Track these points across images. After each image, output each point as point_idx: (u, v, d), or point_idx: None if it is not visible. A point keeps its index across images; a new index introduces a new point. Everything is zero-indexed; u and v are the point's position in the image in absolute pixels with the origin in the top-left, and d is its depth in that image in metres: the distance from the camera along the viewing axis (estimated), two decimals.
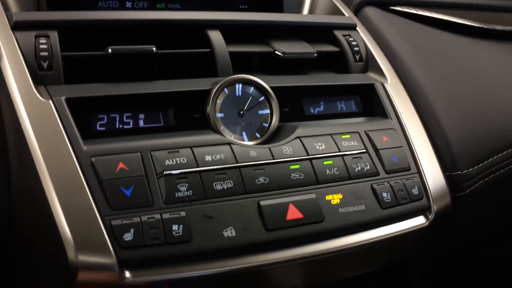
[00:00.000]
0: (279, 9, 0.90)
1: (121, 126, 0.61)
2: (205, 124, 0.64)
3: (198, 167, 0.58)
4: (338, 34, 0.81)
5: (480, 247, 0.93)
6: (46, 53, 0.61)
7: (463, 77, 0.84)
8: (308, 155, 0.64)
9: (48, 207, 0.52)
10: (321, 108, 0.74)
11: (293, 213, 0.59)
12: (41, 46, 0.61)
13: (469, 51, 0.92)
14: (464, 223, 0.78)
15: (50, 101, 0.57)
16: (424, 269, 0.78)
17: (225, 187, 0.58)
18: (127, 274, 0.52)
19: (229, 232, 0.56)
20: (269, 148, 0.62)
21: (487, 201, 0.78)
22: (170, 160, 0.57)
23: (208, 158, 0.59)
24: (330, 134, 0.67)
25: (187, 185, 0.56)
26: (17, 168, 0.57)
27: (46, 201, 0.52)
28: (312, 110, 0.73)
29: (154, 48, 0.64)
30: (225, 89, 0.66)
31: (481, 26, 0.97)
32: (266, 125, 0.67)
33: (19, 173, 0.57)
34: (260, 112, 0.67)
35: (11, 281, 0.60)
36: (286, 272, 0.60)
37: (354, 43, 0.81)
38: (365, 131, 0.69)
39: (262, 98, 0.68)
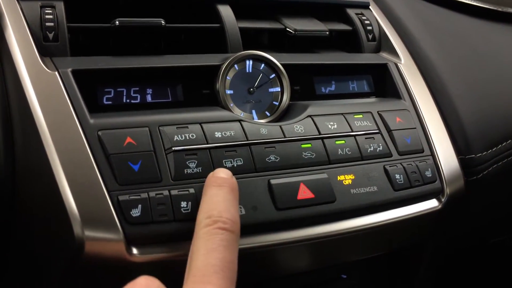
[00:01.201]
0: None
1: (128, 100, 0.60)
2: (214, 101, 0.63)
3: (207, 143, 0.56)
4: (351, 12, 0.79)
5: (488, 234, 0.92)
6: (52, 24, 0.59)
7: (478, 59, 0.82)
8: (320, 134, 0.62)
9: (54, 181, 0.50)
10: (333, 88, 0.73)
11: (304, 193, 0.58)
12: (47, 17, 0.59)
13: (483, 33, 0.90)
14: (476, 208, 0.76)
15: (56, 73, 0.55)
16: (432, 255, 0.77)
17: (235, 165, 0.56)
18: (134, 250, 0.50)
19: (239, 211, 0.54)
20: (280, 126, 0.61)
21: (499, 186, 0.76)
22: (179, 136, 0.55)
23: (217, 134, 0.57)
24: (342, 114, 0.65)
25: (196, 161, 0.55)
26: (22, 142, 0.56)
27: (52, 176, 0.51)
28: (323, 89, 0.72)
29: (162, 22, 0.62)
30: (235, 65, 0.64)
31: (495, 8, 0.95)
32: (277, 103, 0.65)
33: (24, 147, 0.55)
34: (271, 90, 0.66)
35: (17, 257, 0.59)
36: (296, 252, 0.59)
37: (367, 22, 0.79)
38: (378, 111, 0.68)
39: (273, 75, 0.66)
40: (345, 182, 0.61)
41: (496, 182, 0.74)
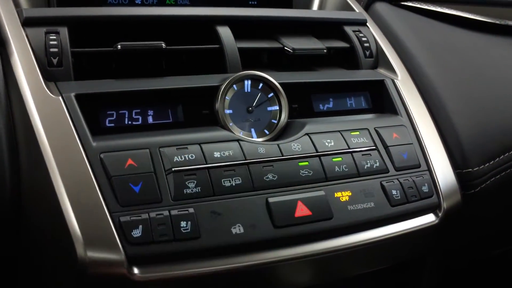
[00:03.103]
0: (289, 5, 0.90)
1: (130, 122, 0.61)
2: (213, 121, 0.64)
3: (206, 163, 0.57)
4: (348, 30, 0.80)
5: (489, 246, 0.92)
6: (56, 49, 0.61)
7: (475, 74, 0.83)
8: (317, 151, 0.63)
9: (57, 203, 0.52)
10: (331, 105, 0.74)
11: (302, 210, 0.59)
12: (51, 42, 0.61)
13: (481, 47, 0.90)
14: (475, 221, 0.77)
15: (60, 98, 0.57)
16: (433, 269, 0.77)
17: (234, 184, 0.58)
18: (136, 270, 0.52)
19: (238, 229, 0.56)
20: (278, 145, 0.62)
21: (498, 199, 0.77)
22: (179, 157, 0.57)
23: (216, 154, 0.58)
24: (339, 131, 0.67)
25: (195, 181, 0.56)
26: (27, 164, 0.58)
27: (55, 197, 0.52)
28: (321, 107, 0.73)
29: (163, 44, 0.64)
30: (234, 86, 0.66)
31: (493, 21, 0.96)
32: (275, 121, 0.67)
33: (29, 169, 0.57)
34: (269, 108, 0.67)
35: (24, 276, 0.61)
36: (294, 270, 0.60)
37: (364, 39, 0.80)
38: (374, 128, 0.69)
39: (271, 94, 0.67)
40: (342, 198, 0.62)
41: (494, 195, 0.75)
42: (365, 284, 0.77)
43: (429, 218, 0.68)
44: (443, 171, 0.70)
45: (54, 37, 0.62)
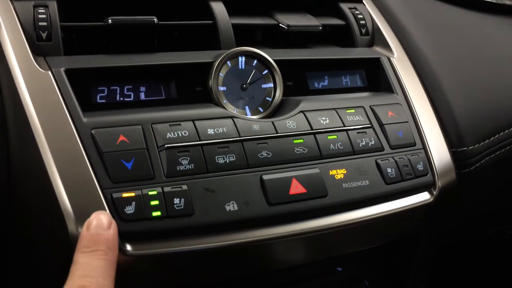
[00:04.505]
0: None
1: (121, 98, 0.60)
2: (207, 98, 0.63)
3: (200, 140, 0.57)
4: (344, 7, 0.79)
5: (483, 226, 0.92)
6: (45, 23, 0.59)
7: (471, 53, 0.82)
8: (312, 129, 0.63)
9: (48, 180, 0.51)
10: (326, 83, 0.73)
11: (296, 188, 0.58)
12: (40, 16, 0.60)
13: (478, 26, 0.90)
14: (469, 201, 0.77)
15: (49, 72, 0.56)
16: (426, 248, 0.77)
17: (227, 161, 0.57)
18: (128, 247, 0.51)
19: (231, 206, 0.55)
20: (272, 122, 0.61)
21: (492, 178, 0.77)
22: (172, 133, 0.56)
23: (210, 131, 0.58)
24: (334, 109, 0.66)
25: (188, 158, 0.55)
26: (17, 141, 0.56)
27: (46, 174, 0.51)
28: (316, 85, 0.72)
29: (155, 19, 0.63)
30: (228, 62, 0.65)
31: (490, 1, 0.95)
32: (270, 99, 0.66)
33: (18, 146, 0.56)
34: (264, 86, 0.66)
35: (15, 257, 0.60)
36: (288, 247, 0.60)
37: (360, 16, 0.79)
38: (370, 106, 0.68)
39: (266, 71, 0.66)
40: (337, 176, 0.61)
41: (489, 174, 0.75)
42: (356, 262, 0.77)
43: (424, 197, 0.68)
44: (438, 150, 0.70)
45: (43, 11, 0.60)
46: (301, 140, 0.61)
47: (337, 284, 0.77)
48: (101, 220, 0.48)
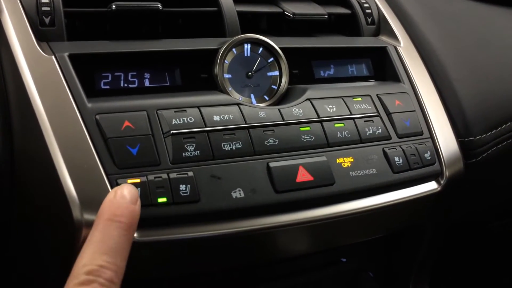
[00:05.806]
0: None
1: (126, 85, 0.59)
2: (212, 85, 0.62)
3: (206, 127, 0.56)
4: None
5: (489, 217, 0.92)
6: (48, 8, 0.59)
7: (478, 42, 0.81)
8: (318, 117, 0.62)
9: (52, 166, 0.50)
10: (331, 71, 0.72)
11: (303, 176, 0.58)
12: (43, 1, 0.59)
13: (485, 16, 0.89)
14: (476, 191, 0.76)
15: (53, 57, 0.55)
16: (432, 237, 0.77)
17: (234, 148, 0.56)
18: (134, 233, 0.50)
19: (238, 193, 0.54)
20: (279, 110, 0.61)
21: (500, 168, 0.76)
22: (177, 119, 0.55)
23: (216, 118, 0.57)
24: (341, 97, 0.65)
25: (194, 145, 0.55)
26: (20, 127, 0.56)
27: (50, 160, 0.51)
28: (322, 73, 0.71)
29: (160, 6, 0.62)
30: (233, 49, 0.64)
31: None
32: (275, 87, 0.65)
33: (22, 132, 0.55)
34: (269, 73, 0.65)
35: (17, 242, 0.59)
36: (294, 235, 0.59)
37: (366, 5, 0.78)
38: (377, 94, 0.67)
39: (271, 59, 0.66)
40: (344, 164, 0.61)
41: (496, 164, 0.74)
42: (361, 254, 0.76)
43: (431, 186, 0.67)
44: (446, 139, 0.69)
45: None
46: (308, 128, 0.61)
47: (341, 275, 0.76)
48: (131, 192, 0.44)
